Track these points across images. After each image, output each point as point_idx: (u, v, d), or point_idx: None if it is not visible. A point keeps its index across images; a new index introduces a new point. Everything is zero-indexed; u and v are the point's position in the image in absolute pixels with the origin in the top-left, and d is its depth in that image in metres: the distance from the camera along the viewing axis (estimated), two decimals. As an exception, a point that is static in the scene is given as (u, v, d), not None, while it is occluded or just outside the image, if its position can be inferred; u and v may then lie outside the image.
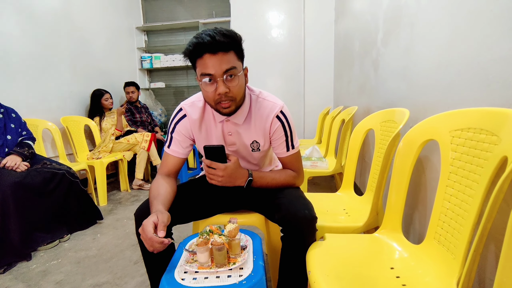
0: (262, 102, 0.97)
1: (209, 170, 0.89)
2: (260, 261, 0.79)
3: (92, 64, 3.07)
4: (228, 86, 0.83)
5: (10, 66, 2.18)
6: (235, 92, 0.85)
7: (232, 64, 0.82)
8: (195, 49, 0.80)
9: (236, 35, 0.83)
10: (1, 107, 1.80)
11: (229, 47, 0.81)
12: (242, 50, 0.87)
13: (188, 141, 1.01)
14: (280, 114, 0.96)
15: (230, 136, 0.99)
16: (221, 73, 0.81)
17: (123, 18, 3.66)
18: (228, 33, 0.80)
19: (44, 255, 1.64)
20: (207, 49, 0.79)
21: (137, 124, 3.20)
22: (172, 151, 1.01)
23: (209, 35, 0.78)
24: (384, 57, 1.60)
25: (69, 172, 1.87)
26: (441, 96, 0.98)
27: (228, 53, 0.81)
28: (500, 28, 0.71)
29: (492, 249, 0.72)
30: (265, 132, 0.98)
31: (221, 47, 0.79)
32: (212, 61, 0.80)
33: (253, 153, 1.02)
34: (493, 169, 0.60)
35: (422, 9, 1.13)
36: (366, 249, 0.89)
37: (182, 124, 0.99)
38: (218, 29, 0.80)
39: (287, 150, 1.00)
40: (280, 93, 3.81)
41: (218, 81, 0.82)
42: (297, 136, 1.01)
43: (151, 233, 0.72)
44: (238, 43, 0.84)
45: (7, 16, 2.16)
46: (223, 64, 0.80)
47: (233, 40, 0.82)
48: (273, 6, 3.67)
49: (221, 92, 0.82)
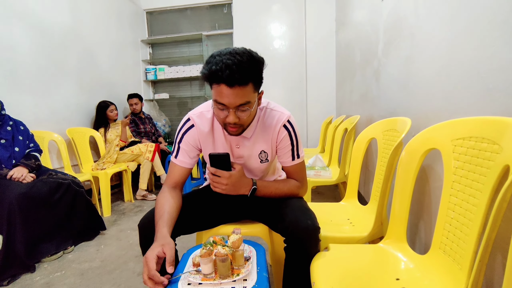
0: (270, 113, 0.98)
1: (214, 178, 0.90)
2: (264, 272, 0.79)
3: (98, 77, 3.14)
4: (239, 116, 0.83)
5: (19, 79, 2.24)
6: (244, 121, 0.86)
7: (247, 99, 0.80)
8: (212, 76, 0.77)
9: (257, 66, 0.79)
10: (10, 120, 1.84)
11: (248, 80, 0.78)
12: (262, 78, 0.84)
13: (195, 151, 1.02)
14: (287, 123, 0.97)
15: (238, 149, 1.00)
16: (235, 106, 0.80)
17: (129, 31, 3.76)
18: (248, 66, 0.76)
19: (48, 266, 1.64)
20: (224, 81, 0.76)
21: (141, 135, 3.23)
22: (179, 161, 1.00)
23: (228, 67, 0.74)
24: (385, 67, 1.61)
25: (74, 181, 1.88)
26: (442, 105, 0.99)
27: (246, 87, 0.78)
28: (498, 38, 0.72)
29: (498, 259, 0.71)
30: (272, 141, 0.98)
31: (239, 81, 0.76)
32: (227, 93, 0.78)
33: (261, 164, 1.02)
34: (495, 178, 0.60)
35: (422, 20, 1.15)
36: (371, 259, 0.88)
37: (190, 134, 0.99)
38: (240, 59, 0.75)
39: (292, 159, 1.00)
40: (283, 102, 3.82)
41: (230, 111, 0.81)
42: (302, 147, 1.02)
43: (154, 270, 0.70)
44: (258, 73, 0.81)
45: (18, 31, 2.23)
46: (237, 98, 0.78)
47: (253, 72, 0.78)
48: (274, 18, 3.74)
49: (230, 121, 0.83)
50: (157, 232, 0.82)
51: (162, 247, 0.76)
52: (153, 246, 0.77)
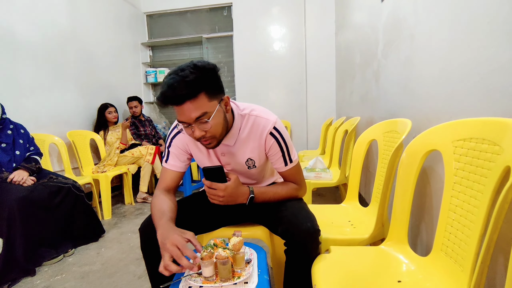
0: (255, 120, 0.95)
1: (210, 191, 0.89)
2: (265, 275, 0.79)
3: (99, 80, 3.14)
4: (202, 128, 0.82)
5: (20, 83, 2.24)
6: (212, 132, 0.84)
7: (202, 110, 0.78)
8: (163, 100, 0.77)
9: (204, 75, 0.77)
10: (10, 123, 1.85)
11: (196, 93, 0.76)
12: (216, 84, 0.82)
13: (185, 154, 1.02)
14: (274, 130, 0.94)
15: (224, 157, 1.00)
16: (192, 121, 0.79)
17: (129, 34, 3.77)
18: (194, 78, 0.75)
19: (48, 270, 1.64)
20: (172, 101, 0.76)
21: (141, 137, 3.23)
22: (170, 165, 1.00)
23: (171, 87, 0.74)
24: (385, 68, 1.62)
25: (74, 186, 1.88)
26: (442, 106, 0.99)
27: (197, 99, 0.77)
28: (498, 38, 0.72)
29: (500, 261, 0.71)
30: (260, 149, 0.97)
31: (185, 97, 0.75)
32: (181, 111, 0.78)
33: (250, 170, 1.02)
34: (496, 179, 0.60)
35: (421, 22, 1.15)
36: (373, 262, 0.87)
37: (179, 138, 0.99)
38: (183, 74, 0.75)
39: (285, 164, 0.99)
40: (283, 104, 3.85)
41: (193, 126, 0.81)
42: (294, 149, 1.01)
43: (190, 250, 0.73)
44: (208, 82, 0.78)
45: (18, 35, 2.24)
46: (191, 113, 0.78)
47: (201, 82, 0.76)
48: (274, 20, 3.76)
49: (196, 136, 0.83)
50: (164, 228, 0.79)
51: (182, 235, 0.76)
52: (171, 235, 0.76)
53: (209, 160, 1.02)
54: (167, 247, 0.73)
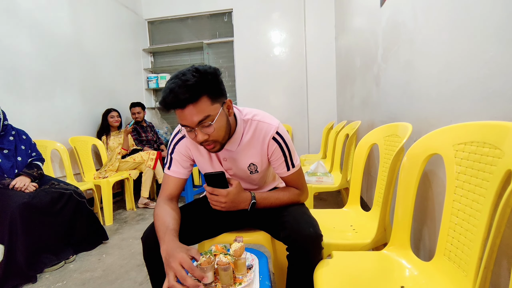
0: (257, 125, 0.95)
1: (212, 197, 0.89)
2: (266, 281, 0.78)
3: (101, 86, 3.17)
4: (205, 132, 0.81)
5: (22, 89, 2.26)
6: (215, 136, 0.83)
7: (204, 114, 0.78)
8: (165, 105, 0.77)
9: (205, 79, 0.77)
10: (12, 130, 1.86)
11: (198, 96, 0.76)
12: (218, 87, 0.81)
13: (188, 161, 1.01)
14: (276, 135, 0.94)
15: (226, 162, 0.99)
16: (195, 124, 0.79)
17: (131, 41, 3.80)
18: (195, 82, 0.75)
19: (50, 276, 1.63)
20: (174, 105, 0.76)
21: (143, 143, 3.24)
22: (173, 172, 1.00)
23: (173, 91, 0.74)
24: (385, 72, 1.62)
25: (76, 192, 1.88)
26: (442, 110, 0.99)
27: (199, 102, 0.76)
28: (497, 42, 0.72)
29: (504, 265, 0.70)
30: (262, 154, 0.97)
31: (187, 101, 0.75)
32: (183, 115, 0.78)
33: (251, 175, 1.01)
34: (498, 183, 0.59)
35: (420, 26, 1.16)
36: (375, 267, 0.87)
37: (182, 144, 0.99)
38: (184, 78, 0.75)
39: (287, 169, 0.98)
40: (284, 109, 3.85)
41: (196, 130, 0.81)
42: (296, 154, 1.00)
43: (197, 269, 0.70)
44: (209, 85, 0.78)
45: (21, 41, 2.27)
46: (194, 116, 0.77)
47: (202, 86, 0.76)
48: (274, 25, 3.79)
49: (199, 140, 0.82)
50: (168, 245, 0.77)
51: (188, 252, 0.74)
52: (177, 253, 0.72)
53: (211, 165, 1.01)
54: (172, 266, 0.70)
